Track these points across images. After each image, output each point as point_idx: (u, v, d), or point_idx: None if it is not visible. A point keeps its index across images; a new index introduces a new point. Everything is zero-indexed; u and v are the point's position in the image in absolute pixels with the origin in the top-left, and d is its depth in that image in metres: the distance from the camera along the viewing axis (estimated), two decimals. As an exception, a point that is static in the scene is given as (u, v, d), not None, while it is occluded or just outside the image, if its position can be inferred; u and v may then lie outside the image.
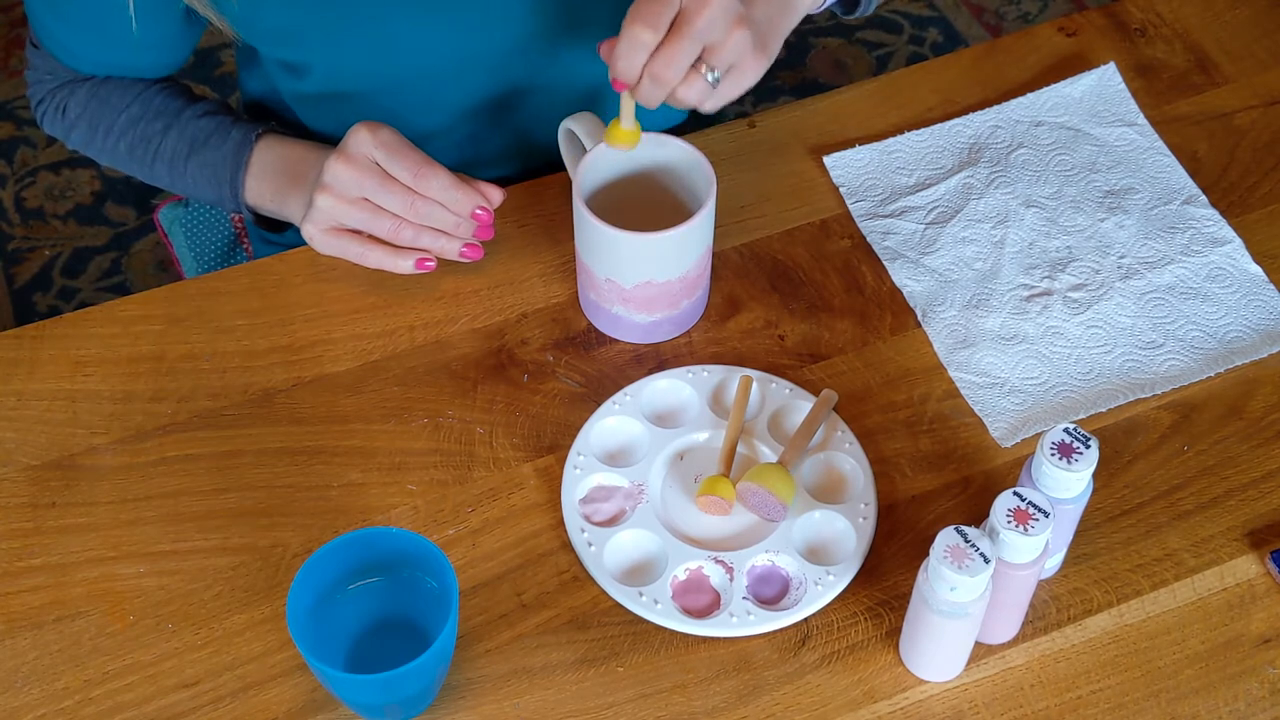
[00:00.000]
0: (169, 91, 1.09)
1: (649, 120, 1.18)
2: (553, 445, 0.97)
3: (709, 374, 0.99)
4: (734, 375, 0.98)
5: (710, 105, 0.90)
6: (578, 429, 0.96)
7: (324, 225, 0.98)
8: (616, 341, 1.01)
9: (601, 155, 0.98)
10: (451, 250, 0.99)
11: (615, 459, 0.96)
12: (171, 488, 0.95)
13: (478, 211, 0.98)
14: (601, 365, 1.00)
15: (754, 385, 0.98)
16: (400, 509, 0.94)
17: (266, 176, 1.05)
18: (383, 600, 0.87)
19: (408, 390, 0.99)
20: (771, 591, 0.91)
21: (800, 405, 0.97)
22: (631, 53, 0.87)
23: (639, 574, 0.91)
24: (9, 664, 0.88)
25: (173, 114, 1.08)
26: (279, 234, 1.15)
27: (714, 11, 0.86)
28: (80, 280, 2.07)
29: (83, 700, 0.87)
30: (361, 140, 0.96)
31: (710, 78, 0.89)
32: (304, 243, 1.06)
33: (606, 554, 0.91)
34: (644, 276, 0.96)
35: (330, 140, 1.05)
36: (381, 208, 0.97)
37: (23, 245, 2.11)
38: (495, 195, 0.99)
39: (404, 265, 0.99)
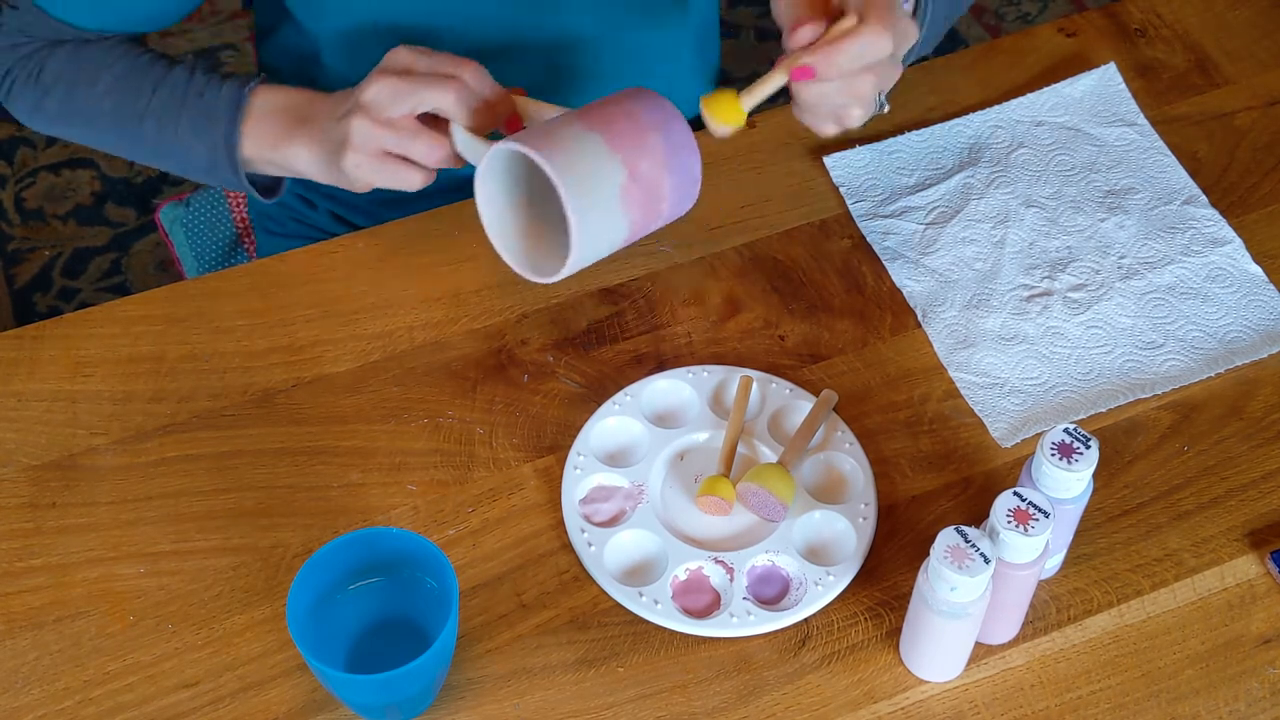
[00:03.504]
0: (154, 53, 1.05)
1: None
2: (553, 445, 0.97)
3: (709, 374, 0.99)
4: (734, 375, 0.98)
5: (860, 123, 0.90)
6: (578, 429, 0.96)
7: (367, 151, 0.94)
8: (616, 341, 1.01)
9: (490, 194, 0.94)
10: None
11: (615, 459, 0.96)
12: (172, 488, 0.95)
13: (514, 118, 0.95)
14: (601, 365, 1.00)
15: (754, 385, 0.98)
16: (400, 509, 0.94)
17: (268, 120, 1.00)
18: (383, 600, 0.87)
19: (408, 390, 0.99)
20: (772, 592, 0.91)
21: (800, 405, 0.97)
22: (868, 52, 0.84)
23: (639, 574, 0.91)
24: (9, 664, 0.88)
25: (161, 73, 1.03)
26: (274, 200, 1.10)
27: (907, 42, 0.88)
28: (80, 280, 2.07)
29: (83, 700, 0.87)
30: (399, 55, 0.94)
31: (881, 101, 0.89)
32: (300, 238, 1.04)
33: (607, 554, 0.91)
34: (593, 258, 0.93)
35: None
36: (421, 129, 0.93)
37: (23, 245, 2.11)
38: (520, 94, 0.97)
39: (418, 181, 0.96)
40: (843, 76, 0.85)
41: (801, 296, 1.04)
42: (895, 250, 1.06)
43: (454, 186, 1.13)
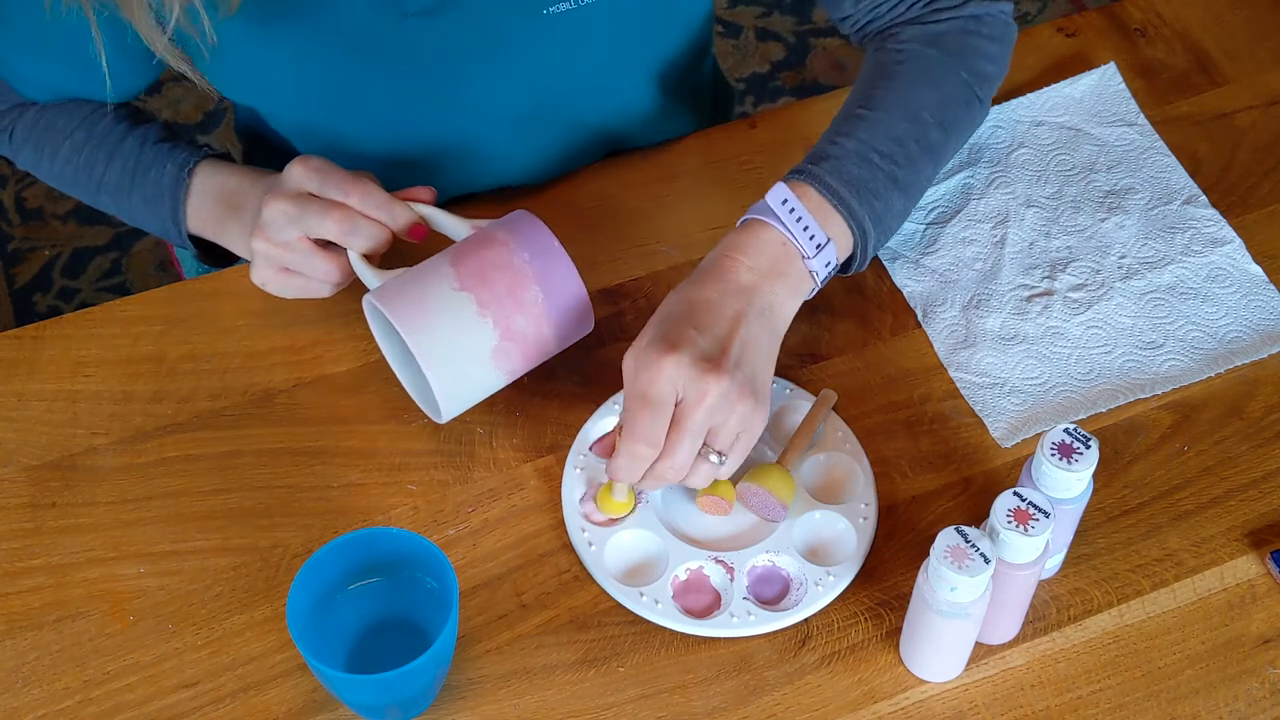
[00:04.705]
0: (114, 115, 1.06)
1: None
2: (553, 445, 0.97)
3: (709, 374, 0.99)
4: (734, 375, 0.98)
5: (723, 474, 0.89)
6: (578, 429, 0.96)
7: (272, 268, 0.96)
8: (617, 342, 1.01)
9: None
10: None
11: (615, 459, 0.96)
12: (172, 488, 0.95)
13: (416, 227, 0.96)
14: (602, 365, 1.00)
15: (754, 385, 0.98)
16: (400, 509, 0.94)
17: (206, 203, 1.02)
18: (383, 600, 0.87)
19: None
20: (772, 592, 0.91)
21: (800, 405, 0.97)
22: (632, 466, 0.86)
23: (640, 574, 0.91)
24: (9, 664, 0.88)
25: (115, 142, 1.04)
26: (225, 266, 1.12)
27: (712, 400, 0.84)
28: (80, 280, 2.07)
29: (83, 701, 0.87)
30: (294, 175, 0.94)
31: (716, 460, 0.87)
32: None
33: (607, 554, 0.91)
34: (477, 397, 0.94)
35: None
36: (315, 250, 0.95)
37: (23, 245, 2.11)
38: (426, 194, 0.97)
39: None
40: (637, 480, 0.88)
41: (801, 296, 1.04)
42: (895, 250, 1.06)
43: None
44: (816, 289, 0.94)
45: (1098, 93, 1.14)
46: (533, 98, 1.06)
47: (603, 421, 0.96)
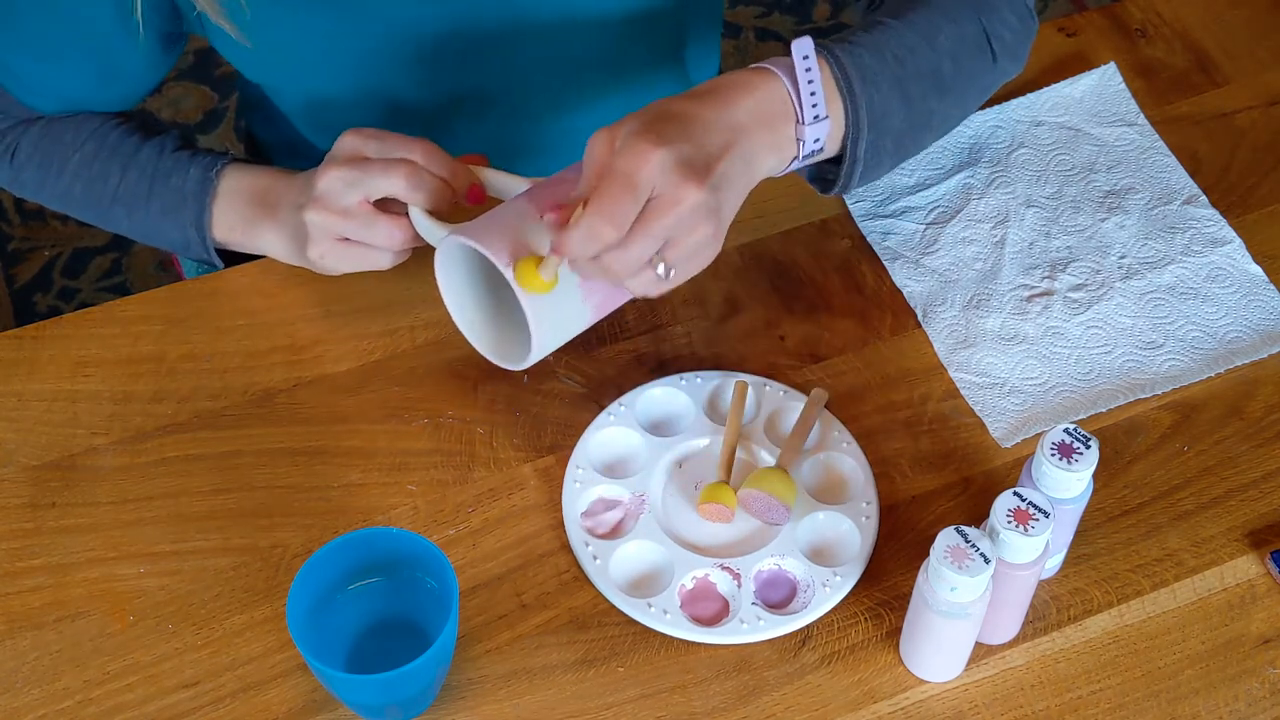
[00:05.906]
0: (126, 128, 1.04)
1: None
2: (553, 445, 0.97)
3: (702, 380, 0.98)
4: (729, 381, 0.98)
5: (655, 293, 0.84)
6: (578, 429, 0.96)
7: (329, 240, 0.94)
8: (617, 342, 1.01)
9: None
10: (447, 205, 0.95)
11: (614, 470, 0.96)
12: (172, 488, 0.95)
13: (474, 188, 0.95)
14: (602, 365, 1.00)
15: (749, 390, 0.98)
16: (400, 509, 0.94)
17: (235, 205, 1.01)
18: (383, 600, 0.87)
19: (408, 390, 0.99)
20: (779, 595, 0.91)
21: (794, 406, 0.97)
22: (588, 243, 0.79)
23: (645, 584, 0.91)
24: (9, 664, 0.88)
25: (130, 152, 1.02)
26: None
27: (686, 209, 0.80)
28: (80, 280, 2.07)
29: (83, 700, 0.87)
30: (347, 143, 0.93)
31: (663, 272, 0.82)
32: None
33: (612, 566, 0.91)
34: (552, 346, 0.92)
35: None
36: (377, 214, 0.93)
37: (23, 245, 2.11)
38: (480, 159, 0.96)
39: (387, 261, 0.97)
40: (583, 260, 0.81)
41: (801, 296, 1.04)
42: (895, 250, 1.06)
43: None
44: (793, 166, 0.89)
45: (1098, 93, 1.14)
46: (558, 89, 1.05)
47: (600, 433, 0.96)
